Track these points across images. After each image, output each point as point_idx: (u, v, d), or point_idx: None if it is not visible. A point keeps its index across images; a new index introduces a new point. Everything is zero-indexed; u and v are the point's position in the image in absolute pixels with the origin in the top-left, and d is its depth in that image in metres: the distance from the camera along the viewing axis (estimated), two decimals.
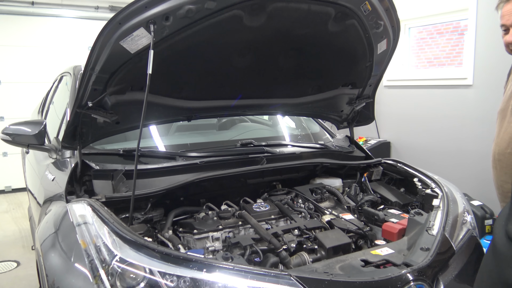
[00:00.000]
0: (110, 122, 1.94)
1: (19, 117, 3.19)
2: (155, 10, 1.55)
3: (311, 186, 2.28)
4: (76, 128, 1.91)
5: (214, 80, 2.16)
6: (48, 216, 1.83)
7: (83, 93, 1.77)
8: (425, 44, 5.10)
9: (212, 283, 1.30)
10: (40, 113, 3.78)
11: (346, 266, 1.51)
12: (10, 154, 6.18)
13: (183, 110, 2.23)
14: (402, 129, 5.23)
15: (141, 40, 1.60)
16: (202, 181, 1.98)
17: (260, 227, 1.80)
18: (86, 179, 1.94)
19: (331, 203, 2.18)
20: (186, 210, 1.98)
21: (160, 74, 1.67)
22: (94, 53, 1.63)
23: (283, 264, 1.64)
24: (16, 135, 2.29)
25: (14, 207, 5.66)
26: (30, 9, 6.17)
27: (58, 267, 1.49)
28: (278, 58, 2.14)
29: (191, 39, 1.75)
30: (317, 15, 1.88)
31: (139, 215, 1.82)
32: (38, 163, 2.76)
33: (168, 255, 1.37)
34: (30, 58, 6.30)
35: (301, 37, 2.01)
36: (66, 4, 6.39)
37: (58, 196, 1.94)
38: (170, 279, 1.30)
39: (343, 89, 2.50)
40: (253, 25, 1.80)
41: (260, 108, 2.53)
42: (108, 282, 1.31)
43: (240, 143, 2.46)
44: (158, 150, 2.37)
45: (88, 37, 6.31)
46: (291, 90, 2.46)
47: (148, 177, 1.99)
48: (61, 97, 3.05)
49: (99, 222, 1.52)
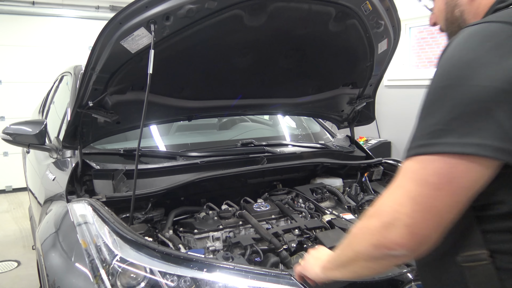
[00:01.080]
0: (111, 122, 1.94)
1: (20, 117, 3.20)
2: (156, 10, 1.55)
3: (312, 186, 2.28)
4: (76, 128, 1.91)
5: (214, 80, 2.16)
6: (49, 216, 1.83)
7: (84, 93, 1.77)
8: (425, 44, 5.10)
9: (213, 283, 1.30)
10: (40, 113, 3.78)
11: None
12: (10, 154, 6.18)
13: (184, 110, 2.23)
14: (402, 129, 5.22)
15: (141, 39, 1.60)
16: (202, 181, 1.98)
17: (261, 227, 1.80)
18: (87, 179, 1.94)
19: (331, 203, 2.18)
20: (187, 210, 1.98)
21: (160, 74, 1.67)
22: (94, 53, 1.63)
23: (284, 264, 1.64)
24: (16, 134, 2.29)
25: (14, 207, 5.66)
26: (30, 9, 6.17)
27: (58, 267, 1.50)
28: (278, 58, 2.14)
29: (192, 39, 1.75)
30: (318, 15, 1.88)
31: (139, 214, 1.82)
32: (39, 163, 2.76)
33: (169, 255, 1.37)
34: (31, 58, 6.30)
35: (301, 37, 2.01)
36: (67, 4, 6.39)
37: (59, 196, 1.94)
38: (171, 279, 1.30)
39: (344, 89, 2.50)
40: (253, 25, 1.80)
41: (260, 108, 2.53)
42: (109, 281, 1.31)
43: (241, 143, 2.46)
44: (158, 150, 2.37)
45: (89, 37, 6.31)
46: (291, 90, 2.45)
47: (149, 177, 1.99)
48: (61, 97, 3.06)
49: (99, 221, 1.52)
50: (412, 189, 0.73)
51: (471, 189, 0.71)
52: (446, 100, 0.71)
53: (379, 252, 0.79)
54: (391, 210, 0.75)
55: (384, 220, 0.76)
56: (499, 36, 0.70)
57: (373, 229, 0.78)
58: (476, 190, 0.72)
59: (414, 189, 0.73)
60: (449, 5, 0.90)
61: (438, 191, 0.71)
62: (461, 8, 0.87)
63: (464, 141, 0.68)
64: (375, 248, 0.79)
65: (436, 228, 0.72)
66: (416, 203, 0.72)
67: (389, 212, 0.75)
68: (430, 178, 0.71)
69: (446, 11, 0.91)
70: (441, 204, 0.71)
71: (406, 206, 0.73)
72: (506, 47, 0.68)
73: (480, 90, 0.68)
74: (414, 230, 0.72)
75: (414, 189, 0.73)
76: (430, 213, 0.72)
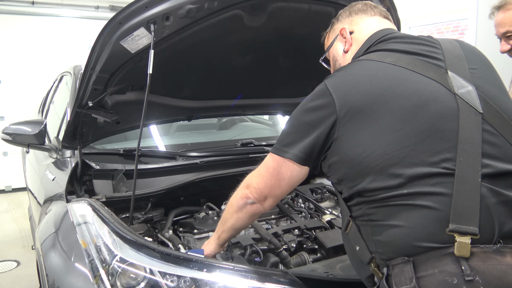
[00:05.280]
0: (111, 122, 1.94)
1: (19, 116, 3.19)
2: (156, 10, 1.54)
3: (311, 186, 2.28)
4: (76, 128, 1.91)
5: (214, 79, 2.16)
6: (48, 216, 1.83)
7: (84, 93, 1.77)
8: None
9: (213, 283, 1.30)
10: (40, 112, 3.78)
11: (346, 266, 1.50)
12: (10, 154, 6.18)
13: (184, 109, 2.23)
14: None
15: (141, 40, 1.60)
16: (202, 181, 1.98)
17: (260, 227, 1.80)
18: (87, 179, 1.94)
19: (331, 202, 2.18)
20: (186, 210, 1.98)
21: (160, 74, 1.67)
22: (94, 52, 1.63)
23: (284, 264, 1.64)
24: (16, 134, 2.29)
25: (14, 207, 5.66)
26: (30, 9, 6.18)
27: (58, 267, 1.49)
28: (278, 58, 2.14)
29: (192, 39, 1.75)
30: (318, 15, 1.88)
31: (139, 215, 1.82)
32: (39, 163, 2.76)
33: (169, 255, 1.37)
34: (31, 57, 6.29)
35: (301, 37, 2.01)
36: (67, 3, 6.39)
37: (58, 196, 1.94)
38: (171, 279, 1.30)
39: None
40: (253, 25, 1.80)
41: (260, 107, 2.53)
42: (109, 282, 1.31)
43: (241, 143, 2.46)
44: (158, 150, 2.37)
45: (89, 37, 6.30)
46: (291, 90, 2.46)
47: (149, 177, 1.99)
48: (61, 96, 3.05)
49: (99, 222, 1.52)
50: (263, 170, 1.26)
51: (291, 179, 1.22)
52: (291, 125, 1.23)
53: (242, 201, 1.30)
54: (250, 178, 1.30)
55: (246, 182, 1.30)
56: (315, 91, 1.25)
57: (240, 188, 1.32)
58: (295, 181, 1.23)
59: (264, 170, 1.25)
60: (333, 60, 1.40)
61: (274, 174, 1.23)
62: (339, 62, 1.37)
63: (288, 150, 1.18)
64: (240, 199, 1.31)
65: (271, 192, 1.25)
66: (264, 177, 1.25)
67: (249, 179, 1.30)
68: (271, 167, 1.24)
69: (333, 65, 1.41)
70: (275, 181, 1.23)
71: (258, 177, 1.26)
72: (313, 98, 1.23)
73: (301, 124, 1.20)
74: (260, 189, 1.25)
75: (264, 170, 1.25)
76: (269, 183, 1.23)
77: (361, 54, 1.24)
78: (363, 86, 1.10)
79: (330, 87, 1.14)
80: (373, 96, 1.08)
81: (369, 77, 1.12)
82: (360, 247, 1.13)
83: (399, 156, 1.03)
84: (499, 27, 2.10)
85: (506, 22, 2.06)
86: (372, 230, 1.09)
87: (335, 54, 1.38)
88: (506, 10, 2.05)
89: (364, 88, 1.10)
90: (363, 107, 1.08)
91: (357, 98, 1.09)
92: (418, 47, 1.17)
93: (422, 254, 0.99)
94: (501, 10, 2.07)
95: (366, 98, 1.08)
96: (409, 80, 1.09)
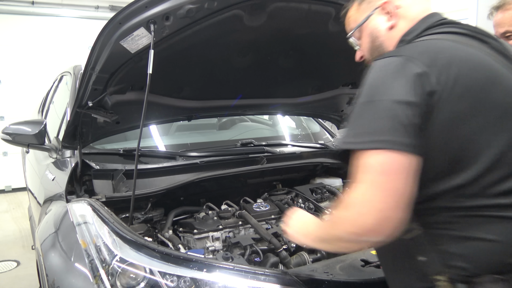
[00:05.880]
0: (110, 122, 1.93)
1: (19, 116, 3.19)
2: (156, 10, 1.54)
3: (311, 186, 2.28)
4: (76, 128, 1.91)
5: (214, 79, 2.16)
6: (48, 216, 1.83)
7: (83, 93, 1.77)
8: None
9: (212, 283, 1.30)
10: (40, 112, 3.78)
11: (346, 266, 1.50)
12: (10, 154, 6.18)
13: (183, 109, 2.23)
14: None
15: (141, 39, 1.60)
16: (202, 181, 1.98)
17: (260, 227, 1.80)
18: (86, 179, 1.94)
19: (331, 203, 2.18)
20: (186, 210, 1.98)
21: (160, 74, 1.67)
22: (94, 52, 1.63)
23: (283, 264, 1.64)
24: (16, 134, 2.29)
25: (14, 207, 5.66)
26: (30, 9, 6.18)
27: (58, 267, 1.49)
28: (278, 58, 2.14)
29: (191, 39, 1.75)
30: (318, 15, 1.88)
31: (139, 215, 1.82)
32: (38, 163, 2.76)
33: (168, 255, 1.37)
34: (30, 57, 6.29)
35: (301, 37, 2.00)
36: (66, 3, 6.39)
37: (58, 196, 1.94)
38: (170, 279, 1.30)
39: (343, 89, 2.50)
40: (253, 25, 1.80)
41: (260, 107, 2.53)
42: (108, 282, 1.31)
43: (240, 143, 2.46)
44: (158, 150, 2.37)
45: (88, 37, 6.30)
46: (291, 90, 2.45)
47: (148, 177, 1.99)
48: (61, 96, 3.05)
49: (99, 222, 1.52)
50: (375, 180, 0.90)
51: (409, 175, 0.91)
52: (366, 111, 0.97)
53: (355, 238, 0.94)
54: (362, 199, 0.91)
55: (358, 210, 0.91)
56: (390, 66, 0.98)
57: (350, 219, 0.93)
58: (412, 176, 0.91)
59: (377, 179, 0.90)
60: (372, 36, 1.19)
61: (396, 176, 0.89)
62: (381, 39, 1.17)
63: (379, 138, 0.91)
64: (350, 234, 0.94)
65: (403, 208, 0.90)
66: (383, 190, 0.89)
67: (362, 202, 0.91)
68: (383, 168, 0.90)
69: (370, 42, 1.20)
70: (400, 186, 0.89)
71: (375, 194, 0.89)
72: (395, 73, 0.96)
73: (381, 103, 0.95)
74: (387, 213, 0.88)
75: (377, 179, 0.90)
76: (396, 196, 0.89)
77: (418, 35, 1.10)
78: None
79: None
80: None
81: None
82: (427, 258, 0.99)
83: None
84: (498, 27, 2.10)
85: (505, 22, 2.06)
86: (450, 241, 0.97)
87: (374, 30, 1.19)
88: (505, 10, 2.06)
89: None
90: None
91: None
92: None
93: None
94: (500, 10, 2.07)
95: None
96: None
